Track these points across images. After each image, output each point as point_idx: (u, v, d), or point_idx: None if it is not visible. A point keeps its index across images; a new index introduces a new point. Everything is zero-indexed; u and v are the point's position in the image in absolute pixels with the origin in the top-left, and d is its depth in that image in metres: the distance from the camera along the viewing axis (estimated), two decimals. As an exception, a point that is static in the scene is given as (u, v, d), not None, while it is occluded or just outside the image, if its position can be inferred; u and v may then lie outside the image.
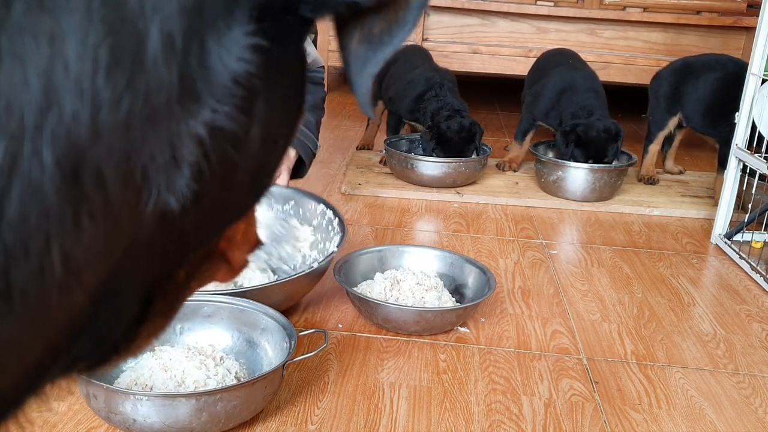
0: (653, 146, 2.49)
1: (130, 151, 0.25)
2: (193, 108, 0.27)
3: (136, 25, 0.25)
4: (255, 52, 0.29)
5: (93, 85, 0.24)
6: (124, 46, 0.25)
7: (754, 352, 1.43)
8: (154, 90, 0.25)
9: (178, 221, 0.29)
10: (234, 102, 0.28)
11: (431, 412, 1.17)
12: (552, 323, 1.49)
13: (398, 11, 0.32)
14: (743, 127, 1.92)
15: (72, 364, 0.31)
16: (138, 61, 0.25)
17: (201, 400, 1.01)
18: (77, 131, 0.24)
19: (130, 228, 0.27)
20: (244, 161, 0.32)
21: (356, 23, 0.33)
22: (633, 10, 3.10)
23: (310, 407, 1.17)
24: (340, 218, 1.56)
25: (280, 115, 0.34)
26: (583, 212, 2.20)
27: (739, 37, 3.09)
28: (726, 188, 1.98)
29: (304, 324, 1.43)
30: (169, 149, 0.27)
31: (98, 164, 0.24)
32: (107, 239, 0.26)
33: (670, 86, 2.41)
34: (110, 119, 0.24)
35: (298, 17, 0.32)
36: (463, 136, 2.26)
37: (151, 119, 0.26)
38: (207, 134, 0.28)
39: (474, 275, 1.54)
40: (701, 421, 1.19)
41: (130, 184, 0.26)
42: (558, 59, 2.55)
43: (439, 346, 1.37)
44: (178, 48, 0.26)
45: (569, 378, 1.29)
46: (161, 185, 0.27)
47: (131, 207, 0.26)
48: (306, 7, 0.31)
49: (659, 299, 1.64)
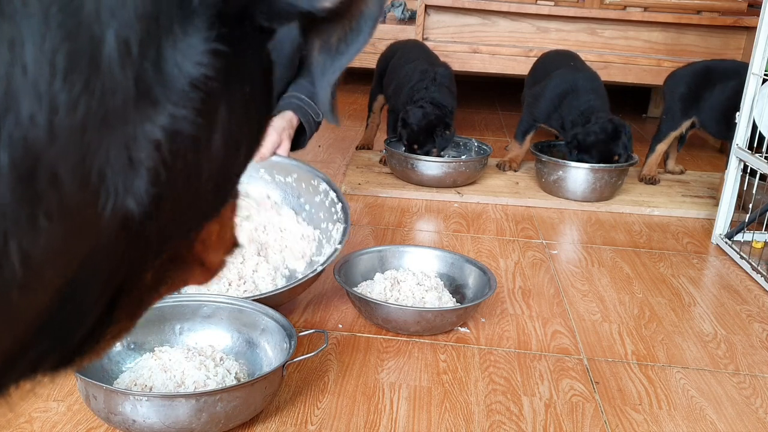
0: (661, 146, 2.47)
1: (86, 153, 0.26)
2: (150, 112, 0.28)
3: (92, 30, 0.25)
4: (213, 57, 0.29)
5: (50, 88, 0.24)
6: (80, 50, 0.25)
7: (755, 352, 1.43)
8: (110, 94, 0.26)
9: (139, 224, 0.29)
10: (192, 106, 0.29)
11: (431, 413, 1.17)
12: (552, 323, 1.49)
13: (353, 21, 0.33)
14: (744, 127, 1.92)
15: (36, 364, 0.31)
16: (94, 65, 0.25)
17: (201, 401, 1.01)
18: (34, 134, 0.24)
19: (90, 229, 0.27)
20: (207, 166, 0.33)
21: (316, 32, 0.34)
22: (633, 9, 3.10)
23: (309, 408, 1.16)
24: (344, 204, 1.50)
25: (242, 121, 0.35)
26: (583, 212, 2.20)
27: (740, 37, 3.09)
28: (726, 188, 1.98)
29: (304, 324, 1.42)
30: (125, 152, 0.27)
31: (54, 166, 0.25)
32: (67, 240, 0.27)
33: (688, 88, 2.38)
34: (66, 122, 0.25)
35: (256, 25, 0.33)
36: (423, 125, 2.25)
37: (106, 122, 0.26)
38: (165, 138, 0.28)
39: (474, 275, 1.54)
40: (702, 422, 1.19)
41: (86, 185, 0.26)
42: (559, 61, 2.54)
43: (439, 347, 1.37)
44: (134, 53, 0.27)
45: (569, 378, 1.29)
46: (119, 188, 0.27)
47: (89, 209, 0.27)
48: (262, 16, 0.32)
49: (660, 299, 1.64)
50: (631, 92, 3.71)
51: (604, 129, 2.21)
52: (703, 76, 2.36)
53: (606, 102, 2.35)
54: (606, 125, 2.21)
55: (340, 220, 1.50)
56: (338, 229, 1.49)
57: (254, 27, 0.33)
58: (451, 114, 2.33)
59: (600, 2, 3.12)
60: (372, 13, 0.33)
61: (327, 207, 1.54)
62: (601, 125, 2.21)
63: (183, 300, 1.27)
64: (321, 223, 1.54)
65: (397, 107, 2.42)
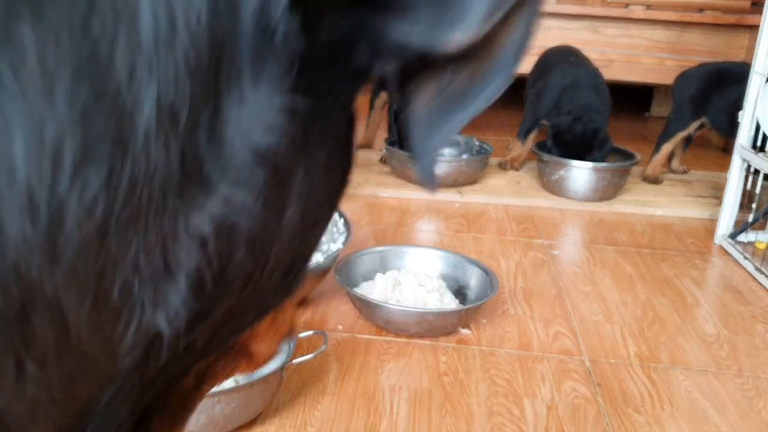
0: (668, 145, 2.45)
1: (105, 268, 0.19)
2: (199, 198, 0.21)
3: (121, 100, 0.18)
4: (291, 117, 0.22)
5: (51, 193, 0.18)
6: (101, 131, 0.18)
7: (758, 353, 1.42)
8: (144, 182, 0.19)
9: (173, 344, 0.22)
10: (256, 187, 0.22)
11: (432, 415, 1.16)
12: (554, 324, 1.48)
13: (485, 63, 0.24)
14: (747, 127, 1.90)
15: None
16: (121, 147, 0.18)
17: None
18: (27, 260, 0.18)
19: (102, 362, 0.21)
20: (273, 257, 0.25)
21: (427, 77, 0.24)
22: (636, 7, 3.08)
23: (309, 410, 1.15)
24: (345, 219, 1.56)
25: (322, 192, 0.27)
26: (585, 212, 2.19)
27: (743, 35, 3.07)
28: (730, 188, 1.96)
29: (304, 325, 1.42)
30: (160, 255, 0.20)
31: (56, 295, 0.18)
32: (67, 382, 0.20)
33: (699, 89, 2.36)
34: (76, 234, 0.18)
35: (350, 68, 0.24)
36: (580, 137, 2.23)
37: (137, 221, 0.19)
38: (214, 231, 0.21)
39: (477, 276, 1.53)
40: (704, 424, 1.18)
41: (102, 310, 0.20)
42: (560, 56, 2.53)
43: (440, 348, 1.36)
44: (182, 120, 0.19)
45: (572, 380, 1.28)
46: (146, 303, 0.21)
47: (103, 337, 0.20)
48: (361, 56, 0.23)
49: (662, 300, 1.63)
50: (634, 91, 3.70)
51: (584, 136, 2.20)
52: (716, 78, 2.34)
53: (607, 98, 2.34)
54: (587, 132, 2.21)
55: (342, 234, 1.53)
56: (340, 241, 1.52)
57: (348, 70, 0.24)
58: None
59: (602, 0, 3.10)
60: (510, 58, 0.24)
61: (329, 228, 1.56)
62: (584, 129, 2.20)
63: (182, 301, 1.26)
64: (323, 244, 1.57)
65: None
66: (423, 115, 0.25)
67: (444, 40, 0.21)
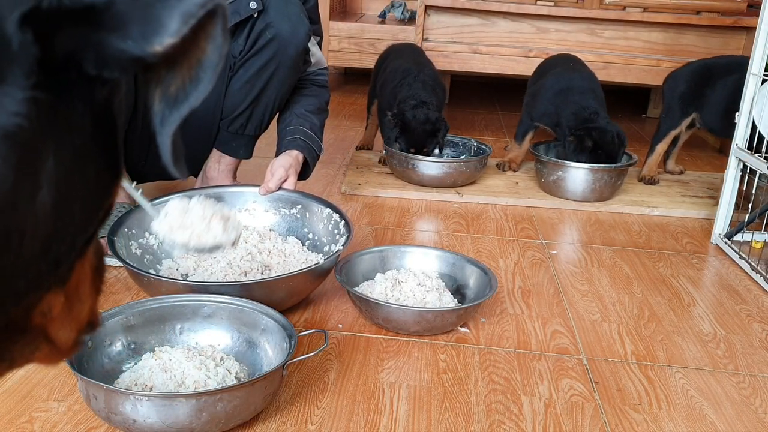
0: (661, 145, 2.47)
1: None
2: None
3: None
4: (34, 106, 0.27)
5: None
6: None
7: (754, 352, 1.43)
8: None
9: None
10: (6, 160, 0.27)
11: (431, 413, 1.17)
12: (552, 323, 1.49)
13: (192, 70, 0.31)
14: (743, 127, 1.92)
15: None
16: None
17: (201, 401, 1.01)
18: None
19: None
20: (30, 227, 0.29)
21: (155, 81, 0.32)
22: (633, 10, 3.10)
23: (310, 407, 1.17)
24: (347, 220, 1.58)
25: (74, 177, 0.32)
26: (583, 212, 2.20)
27: (739, 37, 3.09)
28: (726, 188, 1.98)
29: (304, 324, 1.43)
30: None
31: None
32: None
33: (687, 87, 2.38)
34: None
35: (84, 73, 0.30)
36: (427, 129, 2.24)
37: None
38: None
39: (476, 276, 1.54)
40: (701, 422, 1.19)
41: None
42: (559, 63, 2.55)
43: (439, 347, 1.37)
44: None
45: (569, 378, 1.29)
46: None
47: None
48: (89, 64, 0.30)
49: (659, 299, 1.64)
50: (631, 92, 3.71)
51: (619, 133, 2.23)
52: (703, 74, 2.37)
53: (603, 102, 2.35)
54: (619, 130, 2.23)
55: (342, 235, 1.56)
56: (340, 242, 1.54)
57: (82, 75, 0.30)
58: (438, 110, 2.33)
59: (599, 3, 3.12)
60: (211, 62, 0.31)
61: (330, 230, 1.61)
62: (616, 128, 2.23)
63: (183, 300, 1.27)
64: (324, 246, 1.61)
65: (383, 107, 2.42)
66: (157, 111, 0.33)
67: (149, 49, 0.29)
